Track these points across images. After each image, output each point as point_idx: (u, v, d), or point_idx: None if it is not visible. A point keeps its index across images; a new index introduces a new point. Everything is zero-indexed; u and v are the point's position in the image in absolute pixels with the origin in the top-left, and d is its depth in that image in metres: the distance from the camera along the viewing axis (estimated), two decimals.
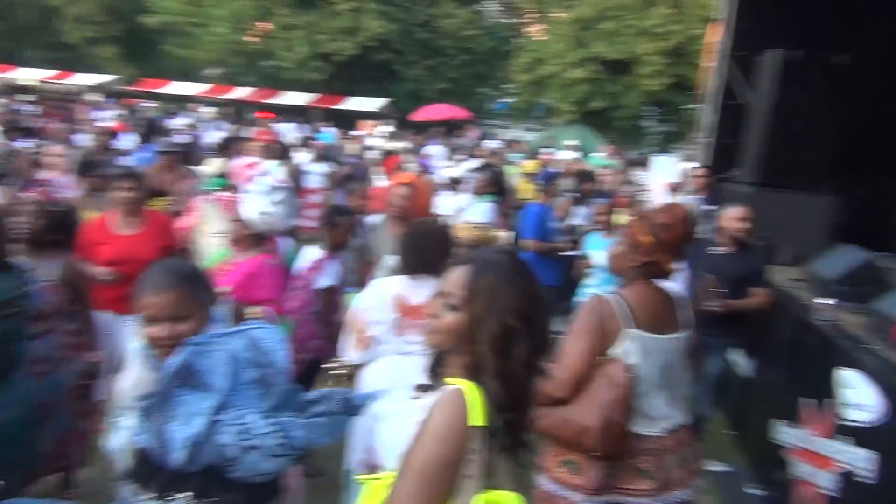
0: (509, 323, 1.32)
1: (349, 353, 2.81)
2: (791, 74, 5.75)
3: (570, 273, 5.47)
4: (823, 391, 3.26)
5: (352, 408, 1.72)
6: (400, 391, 1.90)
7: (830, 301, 3.70)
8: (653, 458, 2.19)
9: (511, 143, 15.88)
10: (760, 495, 3.86)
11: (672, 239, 2.25)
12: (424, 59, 25.85)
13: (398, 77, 25.75)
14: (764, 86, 6.04)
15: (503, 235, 5.87)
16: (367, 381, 2.68)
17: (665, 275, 2.29)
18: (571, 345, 2.16)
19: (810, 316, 3.74)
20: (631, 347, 2.17)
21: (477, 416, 1.29)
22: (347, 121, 19.99)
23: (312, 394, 1.73)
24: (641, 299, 2.21)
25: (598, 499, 2.15)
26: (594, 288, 4.76)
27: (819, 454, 3.19)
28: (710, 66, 7.60)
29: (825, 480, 3.09)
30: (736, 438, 4.61)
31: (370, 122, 18.28)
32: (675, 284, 2.70)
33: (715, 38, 7.56)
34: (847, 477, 2.94)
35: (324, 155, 9.37)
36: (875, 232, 5.21)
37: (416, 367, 1.63)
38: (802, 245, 5.59)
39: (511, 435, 1.34)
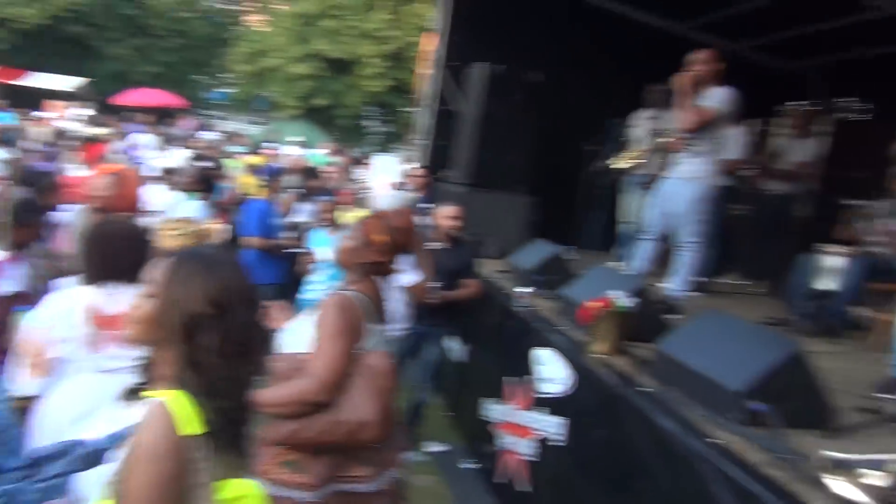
0: (198, 310, 1.28)
1: (20, 382, 2.30)
2: (495, 86, 6.36)
3: (294, 270, 5.40)
4: (524, 369, 3.67)
5: (94, 459, 1.47)
6: (102, 413, 1.67)
7: (528, 289, 4.19)
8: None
9: (231, 136, 15.17)
10: (474, 468, 4.22)
11: (403, 242, 2.38)
12: (131, 37, 23.42)
13: (99, 55, 22.95)
14: (472, 95, 6.60)
15: (218, 231, 5.59)
16: (54, 410, 2.24)
17: (390, 274, 2.37)
18: (329, 346, 2.09)
19: (512, 303, 4.19)
20: (376, 341, 2.21)
21: (189, 423, 1.21)
22: (31, 99, 17.20)
23: (46, 448, 1.44)
24: (372, 294, 2.26)
25: (320, 492, 2.15)
26: (319, 284, 4.76)
27: (520, 425, 3.59)
28: (426, 73, 8.09)
29: (526, 448, 3.49)
30: (452, 419, 4.98)
31: (61, 103, 15.97)
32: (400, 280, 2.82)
33: (430, 47, 8.07)
34: (543, 442, 3.35)
35: (1, 138, 7.96)
36: (561, 228, 6.03)
37: (118, 385, 1.44)
38: (505, 240, 6.25)
39: (231, 426, 1.29)
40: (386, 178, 9.88)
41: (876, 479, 1.66)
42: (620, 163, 5.87)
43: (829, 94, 7.85)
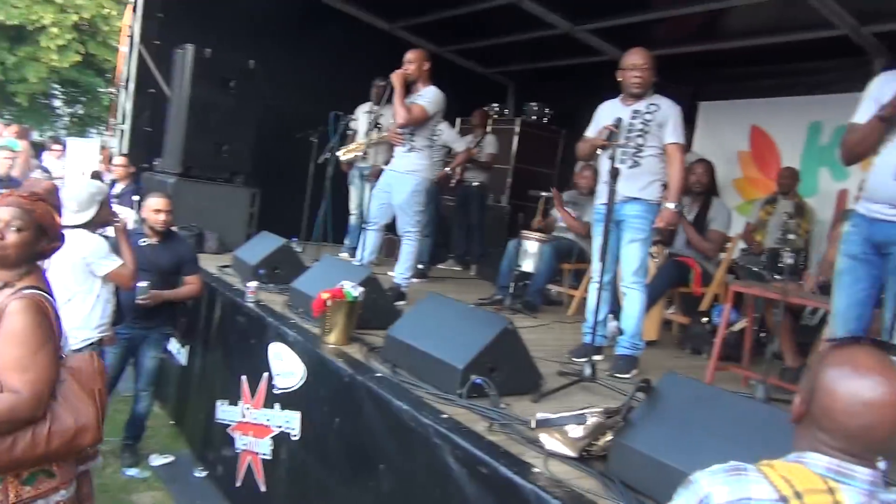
0: None
1: None
2: (206, 71, 5.99)
3: None
4: (255, 366, 3.57)
5: None
6: None
7: (255, 283, 4.08)
8: None
9: None
10: (209, 476, 3.99)
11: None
12: None
13: None
14: (180, 79, 6.13)
15: None
16: None
17: (47, 258, 2.12)
18: (36, 356, 1.80)
19: (240, 299, 4.04)
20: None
21: None
22: None
23: None
24: (45, 287, 2.01)
25: (75, 481, 1.97)
26: None
27: (256, 424, 3.49)
28: (126, 50, 7.32)
29: (264, 446, 3.40)
30: (179, 428, 4.63)
31: None
32: None
33: (129, 22, 7.30)
34: (280, 438, 3.30)
35: None
36: (286, 220, 5.96)
37: None
38: (227, 233, 5.98)
39: None
40: (81, 165, 8.76)
41: (577, 432, 1.96)
42: (344, 154, 5.98)
43: (521, 98, 8.91)
